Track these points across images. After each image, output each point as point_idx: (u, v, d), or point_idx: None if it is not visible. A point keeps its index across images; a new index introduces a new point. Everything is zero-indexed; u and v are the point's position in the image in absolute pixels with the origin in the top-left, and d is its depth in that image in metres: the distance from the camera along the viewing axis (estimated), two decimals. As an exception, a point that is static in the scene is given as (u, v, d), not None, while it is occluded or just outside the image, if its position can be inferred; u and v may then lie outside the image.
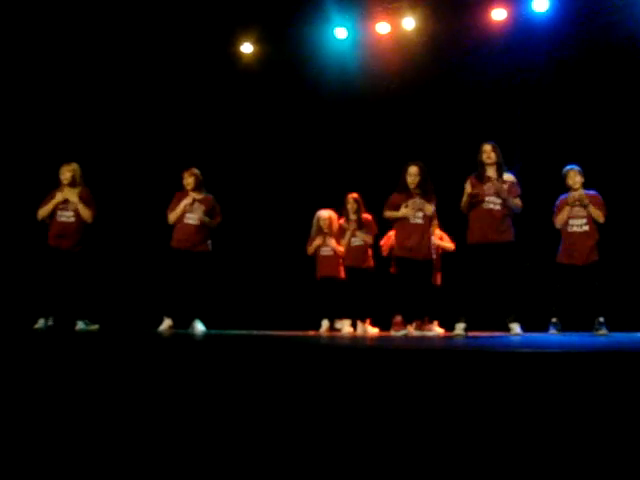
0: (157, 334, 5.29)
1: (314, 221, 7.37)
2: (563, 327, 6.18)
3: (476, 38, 7.98)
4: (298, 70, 8.73)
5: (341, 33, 8.66)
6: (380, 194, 7.21)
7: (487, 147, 5.73)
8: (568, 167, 6.30)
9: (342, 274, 7.18)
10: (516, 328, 5.43)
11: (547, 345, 3.05)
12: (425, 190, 6.16)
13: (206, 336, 4.98)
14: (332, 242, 7.22)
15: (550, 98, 7.66)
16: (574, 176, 6.21)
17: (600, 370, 2.22)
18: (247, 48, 9.06)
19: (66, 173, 6.52)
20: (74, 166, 6.59)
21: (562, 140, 7.46)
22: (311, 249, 7.31)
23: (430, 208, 6.11)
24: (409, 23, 8.31)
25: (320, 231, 7.33)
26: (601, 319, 5.87)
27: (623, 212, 6.95)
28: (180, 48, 8.71)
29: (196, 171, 6.74)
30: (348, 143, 8.47)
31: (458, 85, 8.10)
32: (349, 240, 6.95)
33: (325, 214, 7.35)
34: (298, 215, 7.89)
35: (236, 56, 9.10)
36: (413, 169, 6.18)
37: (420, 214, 6.08)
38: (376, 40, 8.59)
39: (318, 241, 7.26)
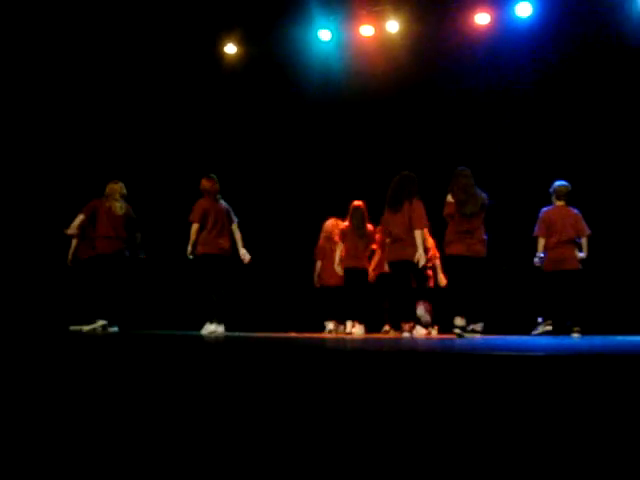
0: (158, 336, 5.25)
1: (323, 231, 7.50)
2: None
3: (460, 42, 8.03)
4: (282, 71, 8.73)
5: (325, 35, 8.67)
6: (364, 194, 7.29)
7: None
8: (557, 183, 6.35)
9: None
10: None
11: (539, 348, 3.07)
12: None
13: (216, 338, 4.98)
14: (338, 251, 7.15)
15: (532, 102, 7.71)
16: (553, 194, 6.32)
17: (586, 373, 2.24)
18: (231, 49, 9.03)
19: None
20: None
21: (544, 144, 7.51)
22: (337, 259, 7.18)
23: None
24: (393, 26, 8.33)
25: (328, 242, 7.40)
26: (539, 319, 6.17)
27: (610, 219, 7.07)
28: (164, 48, 8.68)
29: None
30: (332, 145, 8.47)
31: (441, 88, 8.14)
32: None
33: (329, 225, 7.47)
34: (276, 216, 7.92)
35: (220, 57, 9.08)
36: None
37: None
38: (360, 42, 8.61)
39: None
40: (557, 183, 6.31)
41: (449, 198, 5.73)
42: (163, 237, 7.95)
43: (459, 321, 5.40)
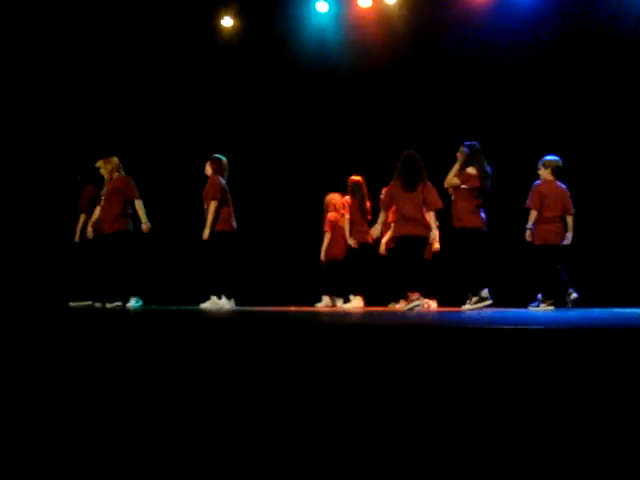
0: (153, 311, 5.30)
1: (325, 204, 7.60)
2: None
3: (458, 13, 7.96)
4: (279, 44, 8.65)
5: (322, 7, 8.60)
6: (362, 168, 7.31)
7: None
8: (550, 158, 6.34)
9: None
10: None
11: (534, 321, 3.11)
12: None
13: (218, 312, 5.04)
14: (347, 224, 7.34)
15: (532, 75, 7.66)
16: (544, 169, 6.31)
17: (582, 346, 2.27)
18: (227, 22, 8.95)
19: None
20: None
21: (541, 120, 7.49)
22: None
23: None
24: (391, -3, 8.26)
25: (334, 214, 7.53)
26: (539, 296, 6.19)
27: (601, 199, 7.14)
28: (160, 22, 8.60)
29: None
30: (330, 117, 8.43)
31: (439, 60, 8.08)
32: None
33: (335, 197, 7.58)
34: (273, 189, 7.95)
35: (217, 30, 9.01)
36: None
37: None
38: (357, 14, 8.53)
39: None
40: (550, 157, 6.28)
41: (471, 170, 5.82)
42: (162, 214, 7.98)
43: (485, 293, 5.72)
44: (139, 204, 6.61)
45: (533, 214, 6.20)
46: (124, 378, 2.85)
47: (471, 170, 5.83)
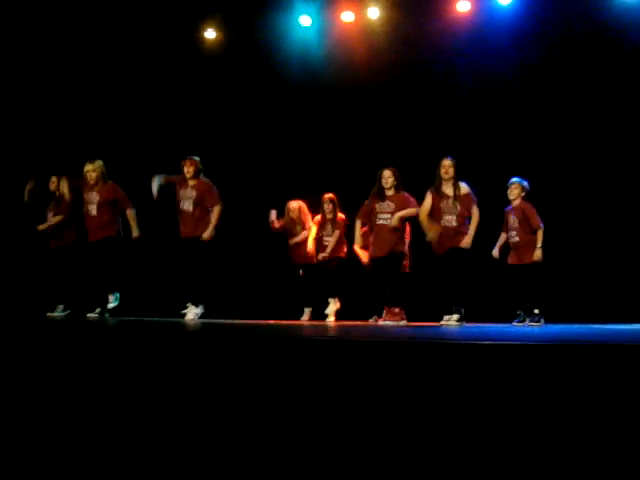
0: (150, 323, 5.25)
1: (285, 212, 7.61)
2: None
3: (440, 29, 8.02)
4: (262, 57, 8.66)
5: (305, 20, 8.63)
6: (341, 183, 7.36)
7: (446, 162, 6.12)
8: (511, 180, 6.61)
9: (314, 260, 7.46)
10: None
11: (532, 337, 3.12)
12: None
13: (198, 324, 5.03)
14: (303, 234, 7.51)
15: (514, 90, 7.72)
16: (513, 189, 6.57)
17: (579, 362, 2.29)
18: (211, 34, 8.95)
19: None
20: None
21: (522, 134, 7.56)
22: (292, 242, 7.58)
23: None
24: (374, 12, 8.30)
25: (292, 222, 7.57)
26: (536, 310, 6.28)
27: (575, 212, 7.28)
28: (144, 33, 8.56)
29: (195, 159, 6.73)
30: (312, 131, 8.44)
31: (421, 75, 8.14)
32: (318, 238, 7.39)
33: (294, 205, 7.59)
34: (256, 201, 7.97)
35: (200, 42, 8.99)
36: (386, 173, 6.36)
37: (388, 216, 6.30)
38: (341, 28, 8.57)
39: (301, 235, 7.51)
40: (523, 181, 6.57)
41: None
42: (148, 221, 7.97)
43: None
44: (132, 214, 6.65)
45: (542, 233, 6.36)
46: (106, 388, 2.82)
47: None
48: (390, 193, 6.29)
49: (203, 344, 2.98)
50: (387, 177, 6.27)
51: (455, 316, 5.85)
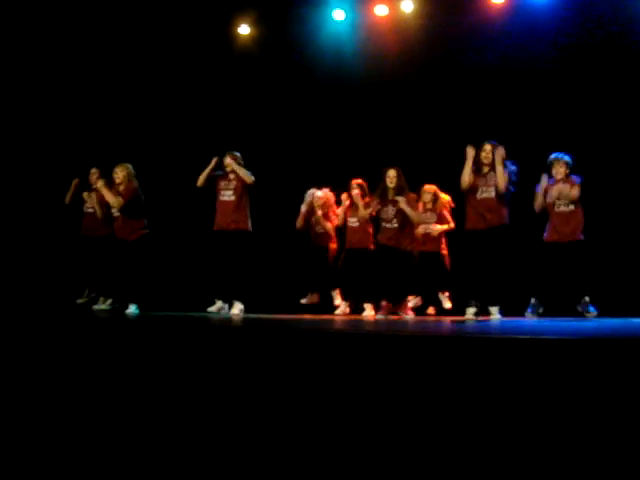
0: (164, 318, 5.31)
1: (307, 197, 7.38)
2: (544, 310, 6.13)
3: (474, 21, 7.93)
4: (295, 52, 8.69)
5: (339, 15, 8.60)
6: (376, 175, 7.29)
7: (487, 147, 6.06)
8: (553, 156, 6.25)
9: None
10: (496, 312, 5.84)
11: (533, 331, 3.06)
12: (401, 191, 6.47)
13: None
14: (327, 224, 7.33)
15: (548, 83, 7.61)
16: (558, 167, 6.17)
17: (591, 357, 2.23)
18: (244, 30, 8.98)
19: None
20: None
21: (559, 124, 7.43)
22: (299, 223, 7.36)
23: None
24: (407, 5, 8.25)
25: (313, 211, 7.37)
26: (587, 298, 5.92)
27: (615, 199, 7.10)
28: (177, 30, 8.65)
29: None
30: (345, 125, 8.42)
31: (456, 68, 8.06)
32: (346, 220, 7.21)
33: (320, 194, 7.39)
34: (291, 195, 7.91)
35: (233, 38, 9.03)
36: (391, 172, 6.49)
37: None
38: (374, 22, 8.52)
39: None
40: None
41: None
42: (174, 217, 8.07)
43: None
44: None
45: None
46: (120, 382, 2.84)
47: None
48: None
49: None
50: (392, 177, 6.46)
51: (472, 309, 5.74)
